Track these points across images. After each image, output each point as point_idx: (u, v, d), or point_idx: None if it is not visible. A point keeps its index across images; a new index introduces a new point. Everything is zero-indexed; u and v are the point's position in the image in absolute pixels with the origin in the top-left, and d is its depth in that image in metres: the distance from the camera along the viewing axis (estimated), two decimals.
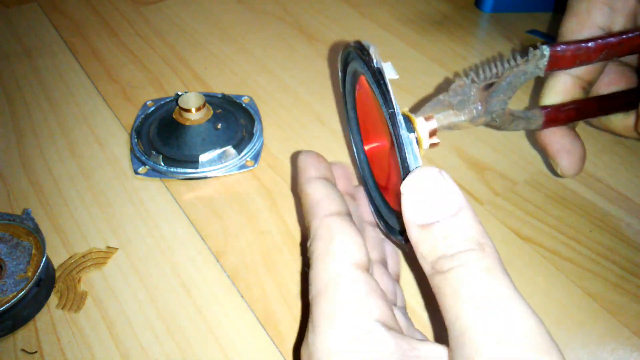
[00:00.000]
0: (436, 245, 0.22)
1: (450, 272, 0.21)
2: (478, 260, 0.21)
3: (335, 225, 0.26)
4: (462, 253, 0.21)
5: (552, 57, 0.29)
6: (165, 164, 0.41)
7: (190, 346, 0.31)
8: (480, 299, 0.20)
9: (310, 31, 0.58)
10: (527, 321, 0.19)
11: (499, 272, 0.21)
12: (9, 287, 0.32)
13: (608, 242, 0.37)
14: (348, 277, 0.24)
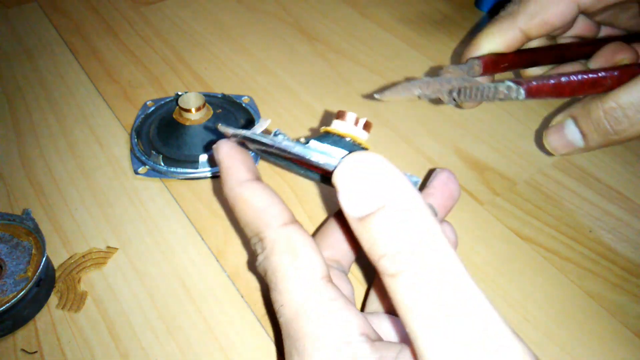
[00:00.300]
0: (375, 242, 0.19)
1: (396, 278, 0.19)
2: (425, 261, 0.18)
3: (295, 237, 0.23)
4: (404, 254, 0.18)
5: (528, 94, 0.30)
6: (165, 164, 0.41)
7: (190, 346, 0.31)
8: (431, 312, 0.18)
9: (310, 31, 0.58)
10: (489, 327, 0.18)
11: (451, 270, 0.18)
12: (9, 287, 0.32)
13: (608, 242, 0.37)
14: (324, 295, 0.22)
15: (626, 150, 0.44)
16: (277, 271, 0.23)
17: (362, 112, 0.47)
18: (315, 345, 0.21)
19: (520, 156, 0.44)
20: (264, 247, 0.24)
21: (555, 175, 0.42)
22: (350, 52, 0.55)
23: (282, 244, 0.23)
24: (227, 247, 0.37)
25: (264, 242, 0.24)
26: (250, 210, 0.24)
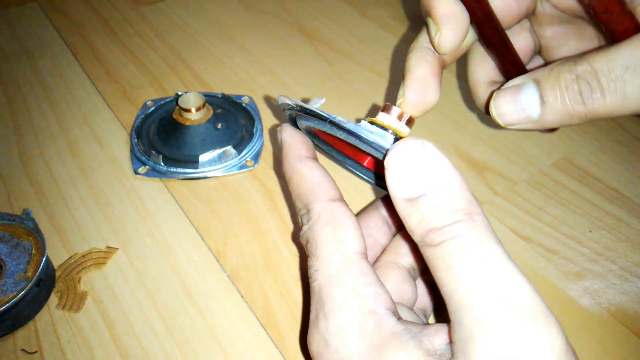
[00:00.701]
0: (424, 219, 0.21)
1: (441, 246, 0.21)
2: (468, 231, 0.20)
3: (340, 212, 0.25)
4: (450, 225, 0.21)
5: None
6: (165, 164, 0.41)
7: (190, 346, 0.31)
8: (474, 271, 0.20)
9: (310, 31, 0.58)
10: (524, 291, 0.20)
11: (490, 241, 0.20)
12: (9, 287, 0.32)
13: (608, 242, 0.37)
14: (357, 267, 0.24)
15: (626, 150, 0.44)
16: (318, 239, 0.25)
17: (361, 112, 0.47)
18: (342, 309, 0.23)
19: (520, 156, 0.44)
20: (310, 218, 0.26)
21: (555, 175, 0.42)
22: (350, 52, 0.55)
23: (327, 216, 0.25)
24: (227, 247, 0.37)
25: (310, 212, 0.26)
26: (304, 184, 0.27)
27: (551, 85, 0.25)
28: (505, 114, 0.27)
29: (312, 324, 0.24)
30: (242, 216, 0.39)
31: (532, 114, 0.26)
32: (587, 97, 0.24)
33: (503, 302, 0.19)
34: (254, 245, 0.37)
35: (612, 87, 0.23)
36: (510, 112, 0.26)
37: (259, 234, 0.38)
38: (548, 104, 0.25)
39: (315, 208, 0.26)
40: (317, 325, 0.24)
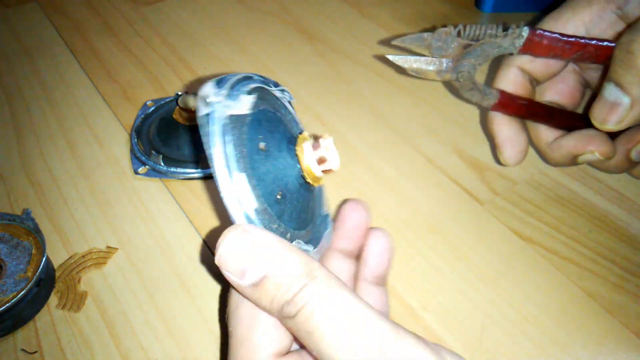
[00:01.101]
0: (275, 296, 0.21)
1: (298, 316, 0.21)
2: (315, 292, 0.21)
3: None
4: (300, 292, 0.21)
5: (529, 40, 0.29)
6: (165, 164, 0.41)
7: (190, 346, 0.31)
8: (332, 330, 0.20)
9: (310, 31, 0.58)
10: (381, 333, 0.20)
11: (335, 292, 0.21)
12: (9, 287, 0.32)
13: (608, 242, 0.37)
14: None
15: None
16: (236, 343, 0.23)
17: (361, 112, 0.47)
18: None
19: None
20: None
21: (555, 175, 0.42)
22: (350, 52, 0.55)
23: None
24: None
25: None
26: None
27: (622, 71, 0.28)
28: (606, 119, 0.30)
29: None
30: None
31: (624, 102, 0.29)
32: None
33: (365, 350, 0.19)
34: None
35: None
36: (607, 113, 0.30)
37: None
38: (629, 86, 0.29)
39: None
40: None
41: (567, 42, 0.30)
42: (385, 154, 0.43)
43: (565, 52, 0.30)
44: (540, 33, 0.30)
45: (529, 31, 0.29)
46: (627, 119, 0.30)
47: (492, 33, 0.29)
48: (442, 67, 0.30)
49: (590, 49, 0.30)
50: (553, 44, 0.30)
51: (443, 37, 0.29)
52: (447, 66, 0.30)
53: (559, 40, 0.30)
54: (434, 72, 0.30)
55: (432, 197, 0.40)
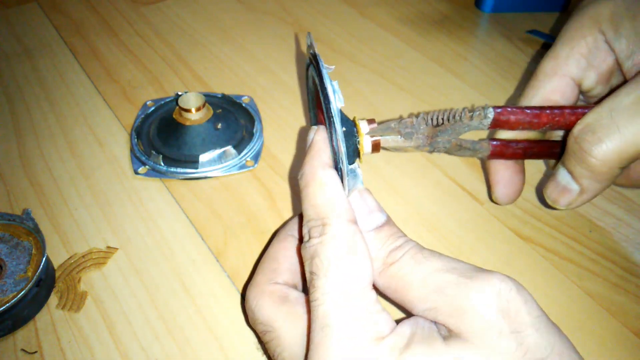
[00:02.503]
0: (385, 242, 0.26)
1: (401, 260, 0.25)
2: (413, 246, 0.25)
3: (358, 237, 0.25)
4: (404, 243, 0.26)
5: (495, 120, 0.30)
6: (165, 164, 0.41)
7: (190, 346, 0.31)
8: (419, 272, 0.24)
9: (310, 31, 0.58)
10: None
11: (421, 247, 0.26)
12: (9, 287, 0.32)
13: (608, 242, 0.37)
14: (370, 296, 0.24)
15: None
16: (331, 259, 0.24)
17: (361, 112, 0.47)
18: (355, 337, 0.23)
19: None
20: (324, 233, 0.25)
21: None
22: (350, 52, 0.55)
23: (347, 237, 0.24)
24: (227, 247, 0.37)
25: (326, 227, 0.25)
26: (324, 194, 0.26)
27: (568, 159, 0.30)
28: (557, 199, 0.32)
29: (313, 350, 0.23)
30: (242, 216, 0.39)
31: (572, 187, 0.30)
32: (592, 150, 0.28)
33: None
34: (254, 245, 0.37)
35: (604, 132, 0.27)
36: (557, 194, 0.31)
37: (259, 234, 0.38)
38: (574, 172, 0.30)
39: (334, 225, 0.25)
40: (322, 353, 0.23)
41: (534, 115, 0.30)
42: (385, 154, 0.43)
43: (534, 125, 0.30)
44: (505, 111, 0.30)
45: (493, 112, 0.29)
46: (576, 203, 0.31)
47: (457, 117, 0.30)
48: (419, 142, 0.30)
49: (560, 119, 0.30)
50: (520, 119, 0.30)
51: (409, 125, 0.30)
52: (422, 142, 0.30)
53: (526, 115, 0.30)
54: (412, 147, 0.30)
55: (432, 197, 0.40)
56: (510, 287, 0.22)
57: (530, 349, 0.21)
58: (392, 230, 0.26)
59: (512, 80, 0.51)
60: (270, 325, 0.26)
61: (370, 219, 0.26)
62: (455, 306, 0.22)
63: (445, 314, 0.22)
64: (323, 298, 0.23)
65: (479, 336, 0.21)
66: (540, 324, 0.22)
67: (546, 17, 0.60)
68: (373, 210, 0.27)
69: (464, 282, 0.23)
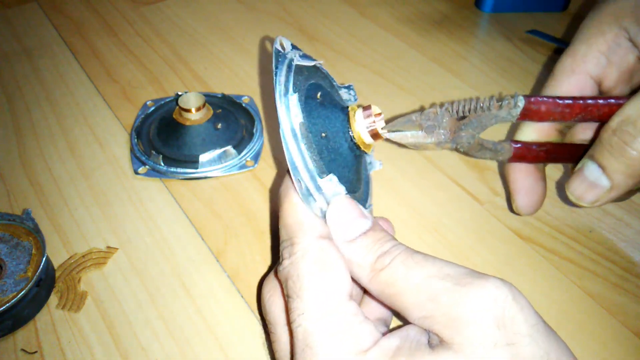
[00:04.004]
0: (371, 248, 0.24)
1: (391, 264, 0.23)
2: (403, 251, 0.24)
3: (328, 251, 0.24)
4: (392, 247, 0.24)
5: (526, 109, 0.28)
6: (165, 164, 0.41)
7: (190, 346, 0.31)
8: (417, 277, 0.23)
9: (310, 31, 0.58)
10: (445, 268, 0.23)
11: (413, 251, 0.24)
12: (9, 287, 0.32)
13: (608, 242, 0.37)
14: (348, 308, 0.23)
15: None
16: (303, 278, 0.23)
17: None
18: (328, 355, 0.22)
19: None
20: (294, 252, 0.24)
21: (556, 175, 0.42)
22: (350, 52, 0.55)
23: (315, 253, 0.24)
24: (227, 247, 0.37)
25: (294, 247, 0.24)
26: (293, 214, 0.25)
27: (601, 152, 0.27)
28: (583, 196, 0.30)
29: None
30: (242, 216, 0.39)
31: (602, 184, 0.28)
32: (633, 144, 0.26)
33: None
34: (254, 245, 0.37)
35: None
36: (585, 191, 0.29)
37: (259, 234, 0.38)
38: (608, 167, 0.28)
39: (301, 242, 0.24)
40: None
41: (566, 105, 0.29)
42: (385, 154, 0.43)
43: (566, 116, 0.29)
44: (537, 100, 0.28)
45: (524, 100, 0.28)
46: (603, 201, 0.29)
47: (485, 106, 0.28)
48: (441, 138, 0.29)
49: (592, 110, 0.29)
50: (552, 110, 0.29)
51: (432, 117, 0.28)
52: (445, 138, 0.28)
53: (558, 105, 0.29)
54: (433, 144, 0.29)
55: (432, 197, 0.40)
56: (505, 295, 0.21)
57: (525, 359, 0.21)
58: (378, 235, 0.25)
59: (512, 80, 0.51)
60: (274, 326, 0.26)
61: (354, 226, 0.25)
62: (451, 316, 0.21)
63: (441, 324, 0.22)
64: (300, 320, 0.23)
65: (473, 347, 0.21)
66: (536, 333, 0.21)
67: (546, 17, 0.60)
68: (356, 217, 0.25)
69: (458, 290, 0.22)
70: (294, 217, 0.25)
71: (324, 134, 0.26)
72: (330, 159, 0.26)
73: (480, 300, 0.21)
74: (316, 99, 0.27)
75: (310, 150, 0.25)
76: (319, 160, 0.25)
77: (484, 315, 0.21)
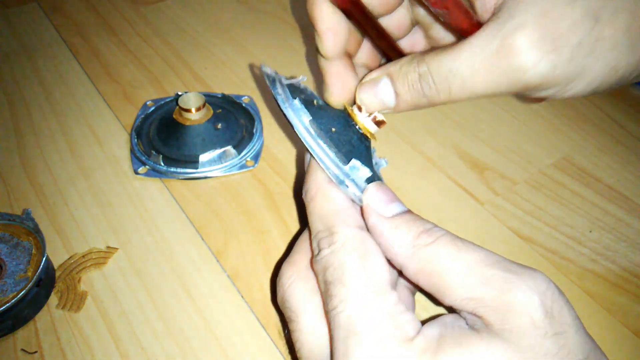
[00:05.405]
0: (412, 226, 0.25)
1: (438, 241, 0.24)
2: (446, 233, 0.25)
3: (368, 241, 0.25)
4: (433, 227, 0.25)
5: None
6: (165, 164, 0.41)
7: (190, 346, 0.31)
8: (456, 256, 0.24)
9: (310, 31, 0.58)
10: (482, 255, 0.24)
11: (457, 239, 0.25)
12: (9, 287, 0.32)
13: (608, 242, 0.37)
14: (391, 296, 0.23)
15: (626, 150, 0.44)
16: (345, 266, 0.24)
17: None
18: (381, 340, 0.22)
19: (520, 156, 0.44)
20: (333, 242, 0.25)
21: (555, 175, 0.42)
22: None
23: (356, 242, 0.24)
24: (227, 247, 0.37)
25: (334, 236, 0.25)
26: (330, 205, 0.26)
27: (401, 82, 0.28)
28: (368, 104, 0.30)
29: (335, 349, 0.23)
30: (242, 216, 0.39)
31: (389, 104, 0.29)
32: (427, 92, 0.28)
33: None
34: (254, 245, 0.37)
35: (441, 85, 0.27)
36: (371, 101, 0.30)
37: (259, 234, 0.38)
38: (399, 96, 0.29)
39: (341, 232, 0.25)
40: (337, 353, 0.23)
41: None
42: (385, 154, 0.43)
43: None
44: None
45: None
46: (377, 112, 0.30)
47: None
48: None
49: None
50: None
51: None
52: None
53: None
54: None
55: (432, 197, 0.40)
56: (554, 287, 0.22)
57: (571, 350, 0.21)
58: (415, 216, 0.26)
59: None
60: (296, 315, 0.26)
61: (391, 207, 0.26)
62: (502, 301, 0.22)
63: (489, 308, 0.22)
64: (343, 305, 0.23)
65: (523, 335, 0.21)
66: (579, 326, 0.22)
67: None
68: (394, 200, 0.26)
69: (511, 278, 0.22)
70: (329, 207, 0.26)
71: (334, 129, 0.27)
72: (346, 150, 0.27)
73: (531, 290, 0.22)
74: (313, 104, 0.29)
75: (327, 143, 0.26)
76: (338, 151, 0.26)
77: (535, 304, 0.21)
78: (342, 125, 0.28)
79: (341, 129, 0.28)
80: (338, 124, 0.28)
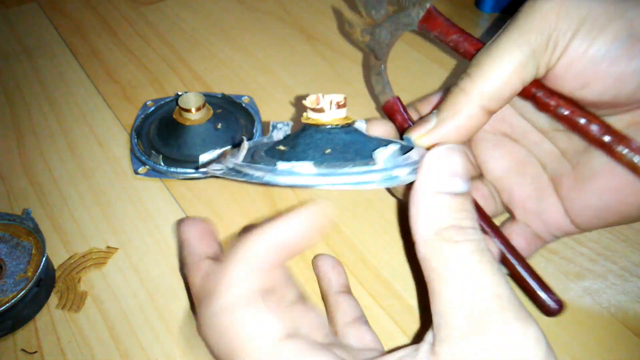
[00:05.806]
0: (451, 214, 0.22)
1: (459, 245, 0.21)
2: (477, 241, 0.22)
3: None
4: (470, 228, 0.22)
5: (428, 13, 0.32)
6: (165, 164, 0.41)
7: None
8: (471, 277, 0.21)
9: (310, 31, 0.58)
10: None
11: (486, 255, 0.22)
12: (9, 287, 0.32)
13: (608, 242, 0.37)
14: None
15: None
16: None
17: (362, 113, 0.47)
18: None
19: None
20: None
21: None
22: (350, 52, 0.55)
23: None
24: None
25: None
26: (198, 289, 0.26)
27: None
28: (417, 135, 0.29)
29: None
30: (242, 216, 0.39)
31: (430, 124, 0.28)
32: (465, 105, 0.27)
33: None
34: None
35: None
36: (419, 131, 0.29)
37: None
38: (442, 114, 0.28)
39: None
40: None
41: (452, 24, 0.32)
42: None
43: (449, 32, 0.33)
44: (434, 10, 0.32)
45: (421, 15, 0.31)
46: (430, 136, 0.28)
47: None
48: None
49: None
50: (445, 24, 0.33)
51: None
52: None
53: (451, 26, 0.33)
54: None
55: None
56: (545, 342, 0.22)
57: None
58: (467, 206, 0.22)
59: None
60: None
61: (449, 182, 0.22)
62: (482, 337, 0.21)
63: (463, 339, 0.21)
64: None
65: None
66: None
67: None
68: (456, 174, 0.23)
69: (502, 317, 0.21)
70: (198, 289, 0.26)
71: (328, 150, 0.25)
72: (354, 151, 0.25)
73: (523, 337, 0.21)
74: (281, 149, 0.26)
75: (341, 164, 0.23)
76: (354, 160, 0.24)
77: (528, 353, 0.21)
78: (321, 139, 0.26)
79: (326, 141, 0.26)
80: (321, 141, 0.26)
